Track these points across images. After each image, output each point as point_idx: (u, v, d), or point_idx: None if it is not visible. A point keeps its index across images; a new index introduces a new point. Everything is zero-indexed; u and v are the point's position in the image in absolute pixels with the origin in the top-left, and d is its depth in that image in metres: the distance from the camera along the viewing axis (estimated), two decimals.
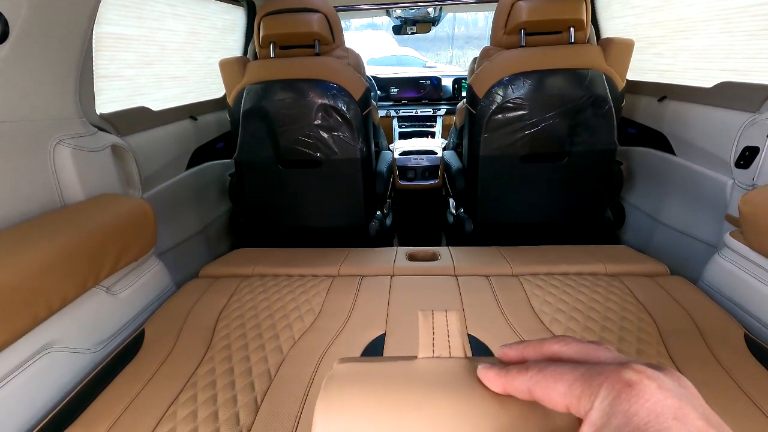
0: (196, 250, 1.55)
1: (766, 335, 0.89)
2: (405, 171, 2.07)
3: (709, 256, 1.10)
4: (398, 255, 1.31)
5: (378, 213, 1.74)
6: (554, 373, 0.21)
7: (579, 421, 0.20)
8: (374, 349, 0.87)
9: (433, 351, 0.30)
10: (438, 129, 2.70)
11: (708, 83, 1.29)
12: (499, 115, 1.42)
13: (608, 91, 1.37)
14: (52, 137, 0.93)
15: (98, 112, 1.14)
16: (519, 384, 0.23)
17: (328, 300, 1.05)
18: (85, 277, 0.84)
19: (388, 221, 1.86)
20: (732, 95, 1.18)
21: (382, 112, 2.75)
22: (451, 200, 2.02)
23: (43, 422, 0.71)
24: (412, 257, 1.30)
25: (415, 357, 0.30)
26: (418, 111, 2.73)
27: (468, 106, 1.54)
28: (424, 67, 4.66)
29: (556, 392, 0.21)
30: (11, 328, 0.69)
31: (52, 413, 0.73)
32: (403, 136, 2.67)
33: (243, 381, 0.79)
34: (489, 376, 0.24)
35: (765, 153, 1.02)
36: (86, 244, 0.84)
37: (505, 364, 0.25)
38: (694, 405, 0.18)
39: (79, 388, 0.79)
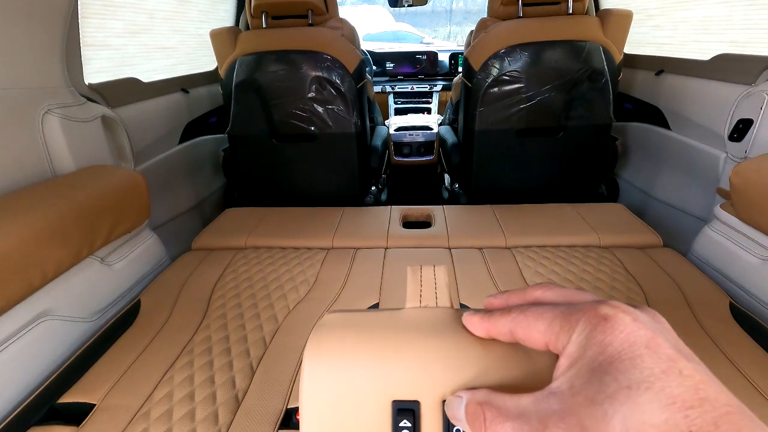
0: (190, 226, 1.55)
1: (750, 304, 0.91)
2: (400, 147, 2.05)
3: (700, 230, 1.12)
4: (392, 216, 1.31)
5: (373, 188, 1.74)
6: (535, 313, 0.22)
7: (558, 360, 0.21)
8: None
9: (420, 302, 0.31)
10: (434, 105, 2.66)
11: (707, 56, 1.27)
12: (495, 89, 1.40)
13: (605, 64, 1.35)
14: (39, 106, 0.91)
15: (87, 82, 1.11)
16: (501, 326, 0.23)
17: (322, 271, 1.06)
18: (79, 246, 0.84)
19: (384, 197, 1.86)
20: (729, 68, 1.18)
21: (377, 88, 2.70)
22: (447, 176, 2.02)
23: (41, 388, 0.73)
24: (405, 218, 1.30)
25: (403, 308, 0.30)
26: (414, 87, 2.69)
27: (464, 79, 1.52)
28: (421, 43, 4.57)
29: (536, 331, 0.21)
30: (6, 295, 0.69)
31: (50, 379, 0.74)
32: (399, 112, 2.64)
33: (239, 348, 0.81)
34: (473, 321, 0.25)
35: (758, 125, 1.02)
36: (79, 213, 0.83)
37: (489, 312, 0.25)
38: (666, 337, 0.19)
39: (76, 355, 0.80)
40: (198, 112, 1.67)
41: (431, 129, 2.07)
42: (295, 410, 0.67)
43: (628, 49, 1.66)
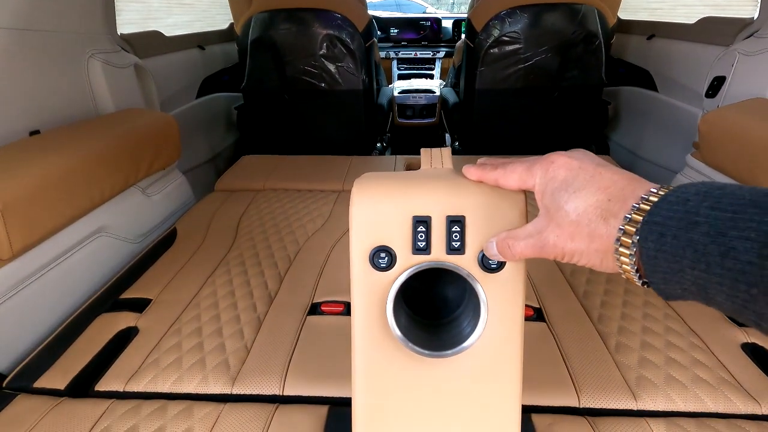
0: (206, 178, 1.67)
1: None
2: (404, 109, 2.15)
3: None
4: (397, 163, 1.42)
5: (378, 145, 1.85)
6: (512, 167, 0.34)
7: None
8: None
9: (431, 165, 0.43)
10: (437, 71, 2.73)
11: (692, 20, 1.37)
12: (495, 49, 1.50)
13: (599, 26, 1.45)
14: (85, 50, 1.01)
15: (119, 33, 1.21)
16: (489, 175, 0.35)
17: (335, 208, 1.19)
18: (128, 174, 0.96)
19: (388, 154, 1.97)
20: (711, 30, 1.27)
21: (381, 54, 2.77)
22: (447, 135, 2.13)
23: (104, 287, 0.86)
24: (410, 166, 1.42)
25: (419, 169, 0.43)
26: (418, 53, 2.75)
27: (466, 40, 1.61)
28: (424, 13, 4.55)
29: (511, 179, 0.34)
30: (76, 205, 0.82)
31: (111, 281, 0.88)
32: (402, 78, 2.71)
33: (268, 261, 0.94)
34: (470, 170, 0.37)
35: (730, 81, 1.13)
36: (127, 145, 0.95)
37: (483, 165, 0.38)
38: (591, 159, 0.31)
39: (129, 264, 0.93)
40: (213, 69, 1.76)
41: (434, 92, 2.16)
42: (320, 303, 0.81)
43: (624, 15, 1.74)
